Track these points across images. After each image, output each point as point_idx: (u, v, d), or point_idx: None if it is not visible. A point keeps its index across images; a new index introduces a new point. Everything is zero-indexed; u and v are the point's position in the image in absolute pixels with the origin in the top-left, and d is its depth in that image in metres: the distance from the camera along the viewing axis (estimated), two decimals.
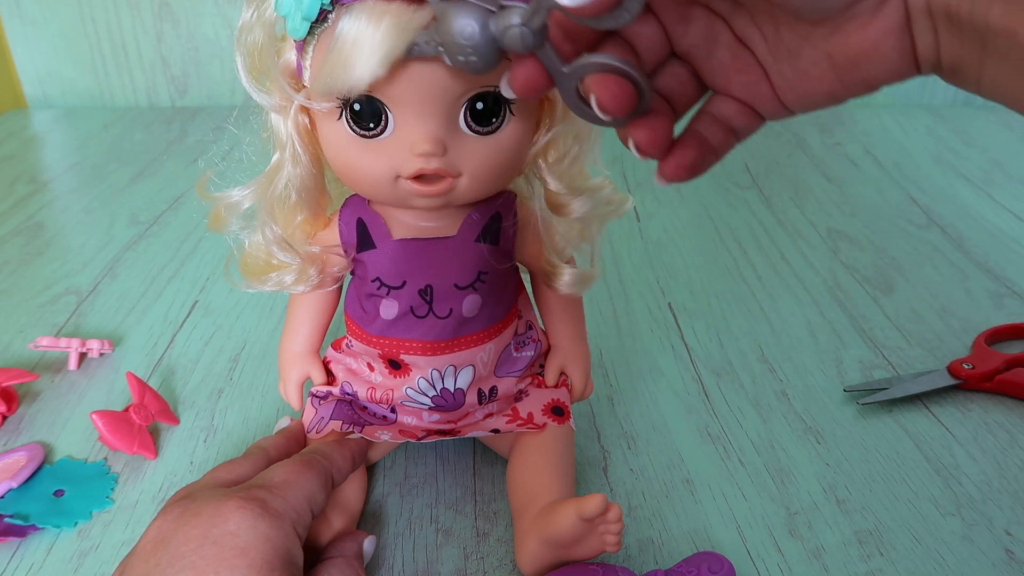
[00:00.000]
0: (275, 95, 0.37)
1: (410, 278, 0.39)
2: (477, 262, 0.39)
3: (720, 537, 0.43)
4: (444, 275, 0.39)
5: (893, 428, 0.52)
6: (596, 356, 0.59)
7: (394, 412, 0.44)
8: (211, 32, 1.14)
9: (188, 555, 0.31)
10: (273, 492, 0.35)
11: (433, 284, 0.39)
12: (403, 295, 0.40)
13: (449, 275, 0.39)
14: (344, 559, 0.38)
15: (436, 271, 0.39)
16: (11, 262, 0.73)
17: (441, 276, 0.39)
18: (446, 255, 0.39)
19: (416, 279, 0.39)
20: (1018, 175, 0.93)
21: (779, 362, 0.58)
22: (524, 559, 0.39)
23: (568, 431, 0.45)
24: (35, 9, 1.12)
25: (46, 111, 1.17)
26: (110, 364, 0.58)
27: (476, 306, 0.40)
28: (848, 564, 0.42)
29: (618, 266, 0.72)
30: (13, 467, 0.47)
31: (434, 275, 0.39)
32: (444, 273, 0.39)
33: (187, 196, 0.87)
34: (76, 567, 0.42)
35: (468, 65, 0.29)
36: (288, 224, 0.40)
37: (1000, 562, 0.42)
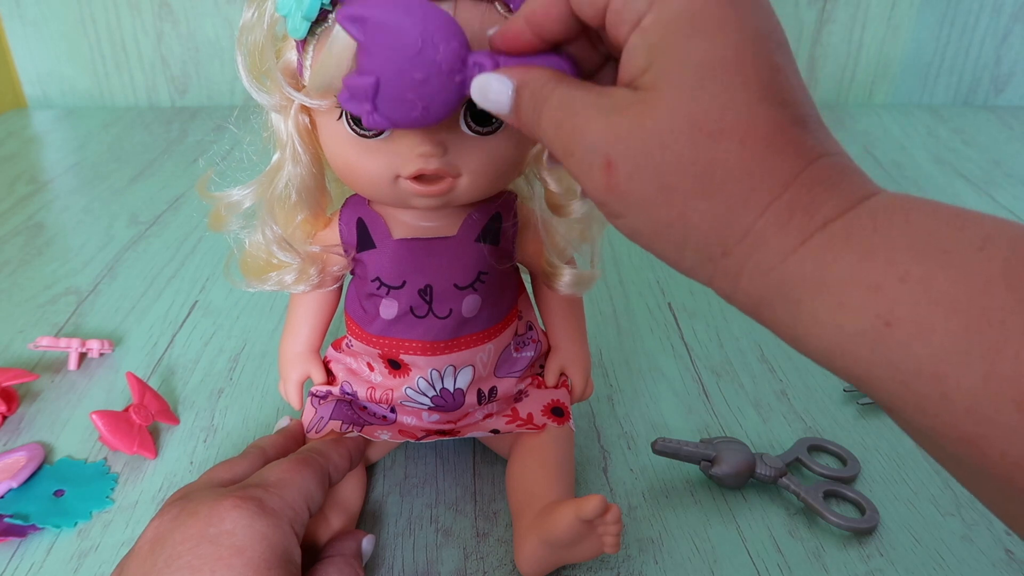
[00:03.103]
0: (275, 95, 0.37)
1: (410, 278, 0.39)
2: (477, 262, 0.39)
3: (720, 537, 0.43)
4: (444, 275, 0.39)
5: (893, 428, 0.52)
6: (596, 356, 0.59)
7: (394, 412, 0.44)
8: (211, 32, 1.14)
9: (185, 555, 0.31)
10: (270, 491, 0.35)
11: (433, 284, 0.39)
12: (403, 295, 0.40)
13: (449, 275, 0.39)
14: (343, 558, 0.38)
15: (436, 271, 0.39)
16: (11, 262, 0.73)
17: (441, 276, 0.39)
18: (446, 255, 0.39)
19: (416, 279, 0.39)
20: (1018, 175, 0.93)
21: (779, 362, 0.58)
22: (523, 560, 0.39)
23: (568, 432, 0.45)
24: (35, 9, 1.12)
25: (46, 111, 1.17)
26: (110, 364, 0.58)
27: (476, 306, 0.40)
28: (848, 564, 0.42)
29: (618, 266, 0.72)
30: (13, 467, 0.47)
31: (434, 275, 0.39)
32: (444, 273, 0.39)
33: (187, 196, 0.87)
34: (76, 567, 0.42)
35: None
36: (288, 224, 0.40)
37: (1000, 562, 0.42)
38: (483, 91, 0.29)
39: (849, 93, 1.18)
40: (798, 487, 0.45)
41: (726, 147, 0.23)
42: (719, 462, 0.45)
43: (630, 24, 0.25)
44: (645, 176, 0.24)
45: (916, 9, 1.12)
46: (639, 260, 0.73)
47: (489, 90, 0.28)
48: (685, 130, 0.23)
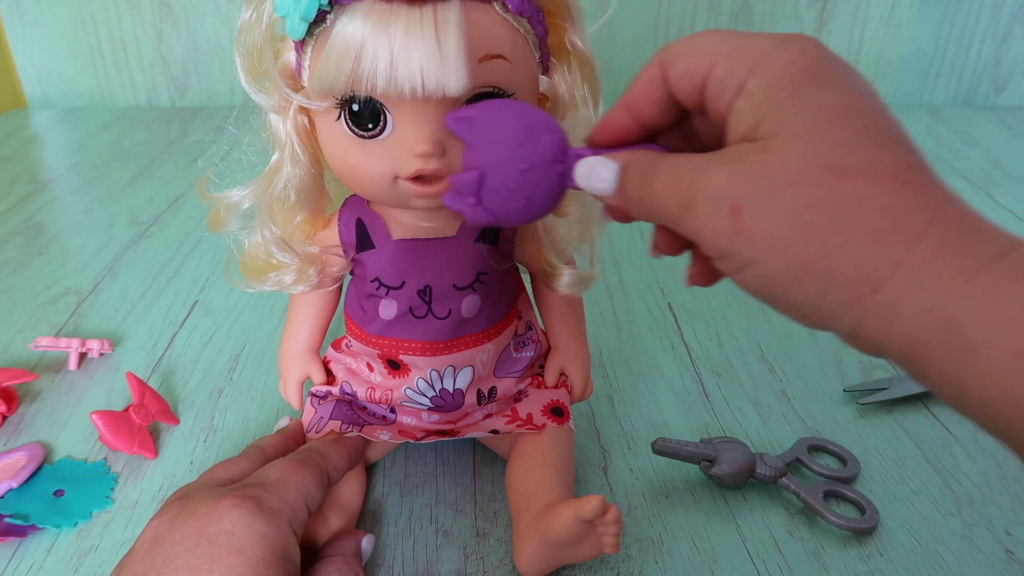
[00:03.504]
0: (274, 95, 0.37)
1: (409, 278, 0.39)
2: (476, 263, 0.39)
3: (720, 537, 0.43)
4: (443, 275, 0.39)
5: (893, 428, 0.52)
6: (596, 356, 0.59)
7: (393, 412, 0.44)
8: (211, 32, 1.14)
9: (184, 554, 0.31)
10: (268, 490, 0.35)
11: (432, 284, 0.39)
12: (402, 295, 0.40)
13: (448, 275, 0.39)
14: (342, 557, 0.38)
15: (435, 271, 0.39)
16: (11, 262, 0.73)
17: (440, 276, 0.39)
18: (445, 255, 0.39)
19: (415, 279, 0.39)
20: (1018, 175, 0.93)
21: (779, 362, 0.58)
22: (522, 560, 0.39)
23: (567, 432, 0.45)
24: (35, 9, 1.12)
25: (46, 111, 1.17)
26: (110, 364, 0.58)
27: (475, 306, 0.40)
28: (848, 564, 0.42)
29: (618, 266, 0.72)
30: (13, 467, 0.47)
31: (433, 275, 0.39)
32: (443, 273, 0.39)
33: (187, 196, 0.87)
34: (76, 567, 0.42)
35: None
36: (287, 224, 0.40)
37: (1000, 562, 0.42)
38: (588, 173, 0.29)
39: None
40: (798, 487, 0.45)
41: (859, 184, 0.22)
42: (719, 462, 0.45)
43: (733, 91, 0.25)
44: (775, 215, 0.23)
45: (916, 9, 1.12)
46: (639, 260, 0.73)
47: (593, 172, 0.29)
48: (814, 169, 0.23)
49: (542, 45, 0.36)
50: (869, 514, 0.44)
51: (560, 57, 0.38)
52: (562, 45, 0.37)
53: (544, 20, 0.36)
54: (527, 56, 0.35)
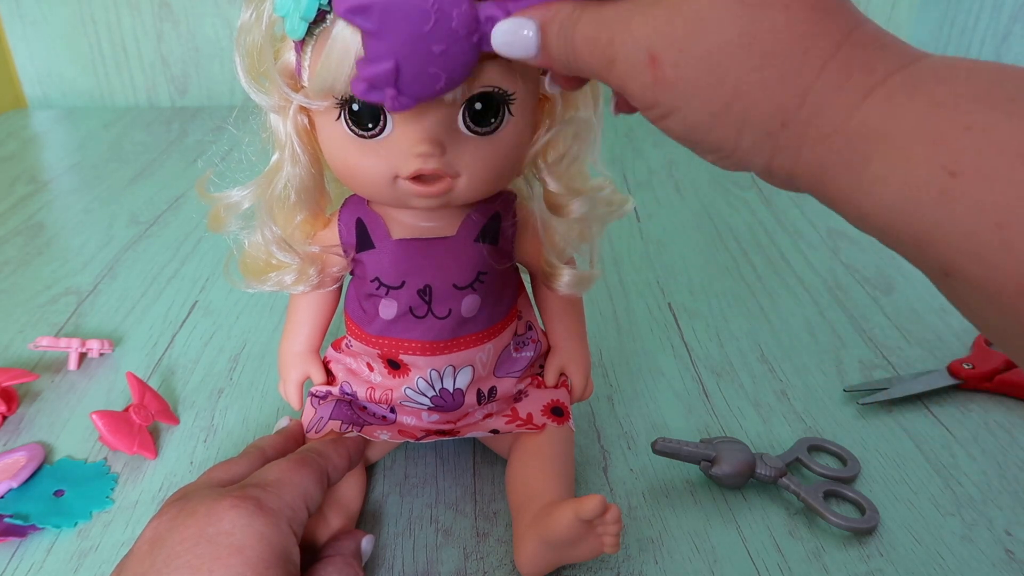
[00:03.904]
0: (274, 95, 0.37)
1: (409, 278, 0.39)
2: (476, 262, 0.39)
3: (720, 537, 0.43)
4: (443, 275, 0.39)
5: (893, 428, 0.52)
6: (596, 356, 0.59)
7: (393, 412, 0.44)
8: (211, 32, 1.14)
9: (183, 554, 0.31)
10: (268, 490, 0.35)
11: (432, 284, 0.39)
12: (402, 295, 0.40)
13: (448, 275, 0.39)
14: (342, 557, 0.38)
15: (435, 271, 0.39)
16: (11, 262, 0.73)
17: (440, 276, 0.39)
18: (445, 255, 0.39)
19: (415, 279, 0.39)
20: None
21: (779, 362, 0.58)
22: (522, 560, 0.39)
23: (567, 432, 0.45)
24: (35, 9, 1.12)
25: (46, 111, 1.17)
26: (110, 364, 0.58)
27: (475, 306, 0.40)
28: (848, 564, 0.42)
29: (618, 266, 0.72)
30: (13, 467, 0.47)
31: (433, 275, 0.39)
32: (443, 273, 0.39)
33: (187, 196, 0.87)
34: (76, 567, 0.42)
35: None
36: (287, 224, 0.40)
37: (1000, 562, 0.42)
38: (505, 40, 0.28)
39: None
40: (798, 487, 0.45)
41: (772, 14, 0.23)
42: (719, 462, 0.45)
43: None
44: (692, 60, 0.24)
45: (916, 9, 1.12)
46: (639, 260, 0.73)
47: (511, 37, 0.28)
48: (727, 4, 0.23)
49: None
50: (869, 514, 0.44)
51: None
52: None
53: None
54: None
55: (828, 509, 0.44)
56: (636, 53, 0.25)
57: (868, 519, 0.44)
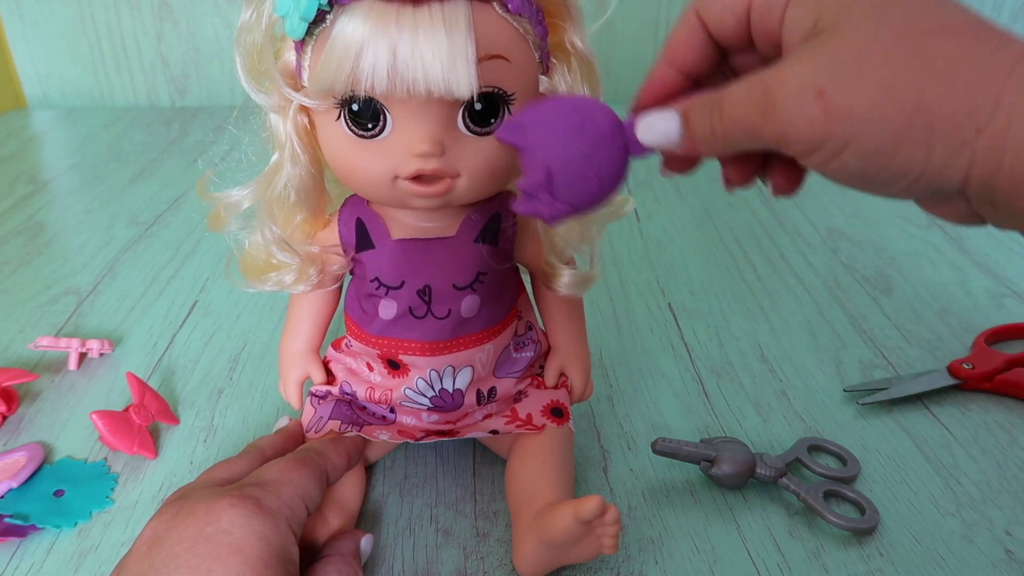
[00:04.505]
0: (274, 95, 0.37)
1: (409, 278, 0.39)
2: (476, 263, 0.39)
3: (720, 537, 0.43)
4: (443, 275, 0.39)
5: (893, 428, 0.52)
6: (596, 356, 0.59)
7: (393, 412, 0.44)
8: (211, 32, 1.14)
9: (182, 554, 0.31)
10: (267, 490, 0.35)
11: (432, 284, 0.39)
12: (402, 295, 0.39)
13: (448, 275, 0.39)
14: (341, 557, 0.38)
15: (435, 271, 0.39)
16: (11, 262, 0.73)
17: (440, 276, 0.39)
18: (445, 255, 0.39)
19: (415, 279, 0.39)
20: None
21: (779, 362, 0.58)
22: (522, 560, 0.39)
23: (567, 432, 0.45)
24: (35, 9, 1.12)
25: (46, 111, 1.17)
26: (110, 364, 0.58)
27: (475, 307, 0.40)
28: (848, 564, 0.42)
29: (618, 266, 0.72)
30: (13, 467, 0.47)
31: (433, 275, 0.39)
32: (443, 273, 0.39)
33: (187, 196, 0.87)
34: (76, 567, 0.42)
35: None
36: (287, 224, 0.40)
37: (1000, 562, 0.42)
38: (650, 128, 0.29)
39: None
40: (798, 487, 0.45)
41: (939, 40, 0.23)
42: (719, 462, 0.45)
43: (781, 6, 0.26)
44: (864, 84, 0.23)
45: None
46: (639, 260, 0.73)
47: (656, 125, 0.29)
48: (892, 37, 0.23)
49: (542, 45, 0.36)
50: (869, 514, 0.44)
51: (560, 57, 0.38)
52: (562, 45, 0.37)
53: (544, 20, 0.36)
54: (527, 56, 0.35)
55: (828, 509, 0.44)
56: (800, 91, 0.24)
57: (868, 519, 0.44)
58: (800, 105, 0.24)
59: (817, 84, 0.24)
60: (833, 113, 0.23)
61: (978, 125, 0.22)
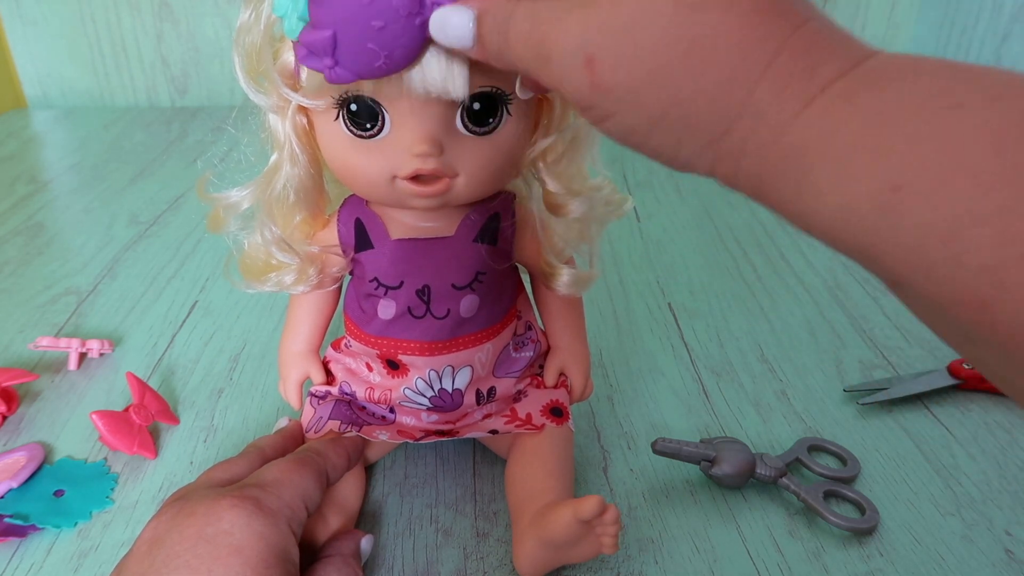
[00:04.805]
0: (273, 95, 0.36)
1: (408, 278, 0.39)
2: (475, 262, 0.39)
3: (720, 537, 0.43)
4: (442, 275, 0.39)
5: (893, 428, 0.52)
6: (596, 356, 0.59)
7: (392, 412, 0.44)
8: (211, 32, 1.14)
9: (182, 554, 0.31)
10: (267, 490, 0.35)
11: (431, 284, 0.39)
12: (401, 295, 0.39)
13: (447, 275, 0.39)
14: (341, 557, 0.38)
15: (434, 271, 0.39)
16: (11, 262, 0.73)
17: (439, 276, 0.39)
18: (444, 255, 0.39)
19: (414, 279, 0.39)
20: None
21: (779, 362, 0.58)
22: (521, 560, 0.39)
23: (567, 432, 0.45)
24: (35, 9, 1.12)
25: (46, 111, 1.17)
26: (110, 364, 0.58)
27: (474, 306, 0.40)
28: (848, 564, 0.42)
29: (618, 266, 0.72)
30: (13, 467, 0.47)
31: (432, 275, 0.39)
32: (442, 273, 0.39)
33: (187, 196, 0.87)
34: (76, 567, 0.42)
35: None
36: (287, 224, 0.40)
37: (1000, 562, 0.42)
38: (442, 27, 0.28)
39: None
40: (798, 487, 0.45)
41: (711, 17, 0.22)
42: (719, 462, 0.45)
43: None
44: (630, 64, 0.23)
45: (916, 9, 1.12)
46: (639, 260, 0.73)
47: (448, 25, 0.28)
48: (666, 6, 0.22)
49: None
50: (869, 514, 0.44)
51: None
52: None
53: None
54: None
55: (828, 509, 0.44)
56: (572, 54, 0.24)
57: (868, 519, 0.44)
58: (571, 69, 0.24)
59: (588, 51, 0.23)
60: (599, 87, 0.24)
61: (724, 128, 0.23)
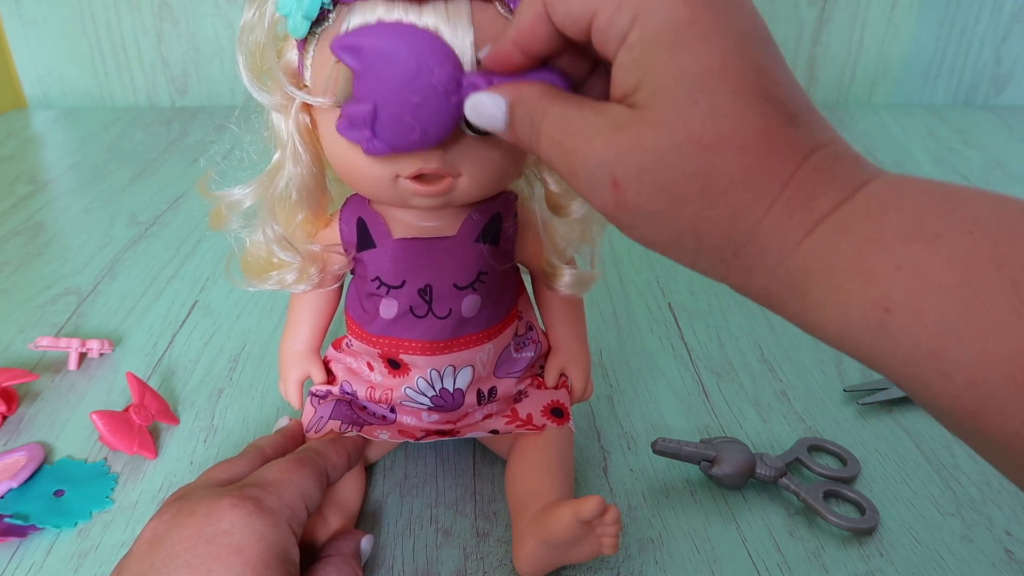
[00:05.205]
0: (276, 94, 0.37)
1: (410, 278, 0.39)
2: (477, 262, 0.39)
3: (720, 537, 0.43)
4: (444, 275, 0.39)
5: (893, 428, 0.52)
6: (596, 356, 0.59)
7: (393, 412, 0.44)
8: (211, 32, 1.14)
9: (183, 554, 0.31)
10: (267, 490, 0.35)
11: (432, 284, 0.39)
12: (403, 295, 0.40)
13: (449, 275, 0.39)
14: (341, 557, 0.38)
15: (436, 271, 0.39)
16: (11, 262, 0.73)
17: (441, 276, 0.39)
18: (446, 255, 0.39)
19: (416, 279, 0.39)
20: (1018, 175, 0.93)
21: (779, 362, 0.58)
22: (521, 560, 0.39)
23: (567, 432, 0.45)
24: (35, 9, 1.12)
25: (46, 111, 1.17)
26: (110, 364, 0.58)
27: (475, 306, 0.40)
28: (848, 564, 0.42)
29: (618, 266, 0.72)
30: (13, 467, 0.47)
31: (434, 275, 0.39)
32: (444, 273, 0.39)
33: (187, 196, 0.87)
34: (76, 567, 0.42)
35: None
36: (289, 223, 0.40)
37: (1000, 562, 0.42)
38: (477, 110, 0.29)
39: (849, 93, 1.18)
40: (798, 487, 0.45)
41: (724, 156, 0.24)
42: (719, 462, 0.45)
43: (616, 41, 0.26)
44: (652, 192, 0.25)
45: (916, 9, 1.12)
46: (639, 260, 0.73)
47: (483, 109, 0.29)
48: (684, 145, 0.24)
49: None
50: (869, 514, 0.44)
51: None
52: None
53: None
54: None
55: (828, 509, 0.44)
56: (599, 173, 0.26)
57: (868, 519, 0.44)
58: (598, 187, 0.26)
59: (615, 173, 0.25)
60: (623, 206, 0.26)
61: (735, 250, 0.25)
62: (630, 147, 0.25)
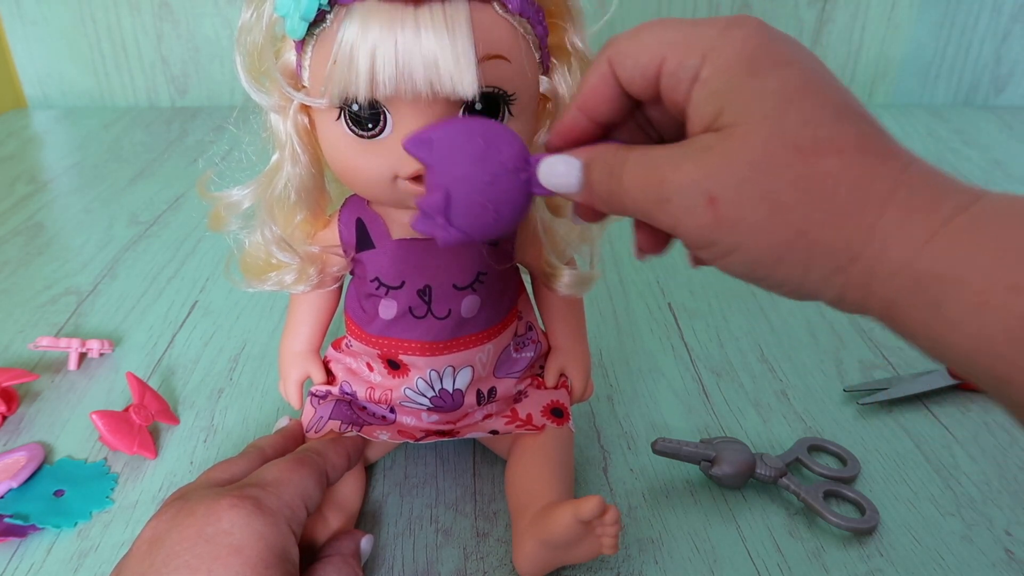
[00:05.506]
0: (274, 95, 0.37)
1: (409, 278, 0.39)
2: (476, 263, 0.39)
3: (720, 537, 0.43)
4: (443, 275, 0.39)
5: (893, 428, 0.52)
6: (596, 356, 0.59)
7: (393, 412, 0.44)
8: (211, 32, 1.14)
9: (182, 554, 0.31)
10: (267, 490, 0.35)
11: (432, 284, 0.39)
12: (402, 295, 0.40)
13: (448, 275, 0.39)
14: (341, 557, 0.38)
15: (435, 271, 0.39)
16: (11, 262, 0.73)
17: (440, 276, 0.39)
18: (445, 256, 0.39)
19: (415, 279, 0.39)
20: (1018, 175, 0.93)
21: (779, 362, 0.58)
22: (521, 560, 0.39)
23: (567, 432, 0.45)
24: (35, 9, 1.12)
25: (46, 111, 1.17)
26: (110, 364, 0.58)
27: (475, 307, 0.40)
28: (848, 564, 0.42)
29: (618, 266, 0.72)
30: (13, 467, 0.47)
31: (433, 275, 0.39)
32: (443, 273, 0.39)
33: (187, 196, 0.87)
34: (76, 567, 0.42)
35: None
36: (287, 224, 0.40)
37: (1000, 562, 0.42)
38: (550, 174, 0.29)
39: None
40: (798, 487, 0.45)
41: (826, 160, 0.23)
42: (719, 462, 0.45)
43: (688, 81, 0.26)
44: (753, 202, 0.24)
45: (916, 9, 1.12)
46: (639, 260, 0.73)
47: (555, 172, 0.29)
48: (781, 152, 0.24)
49: (542, 45, 0.36)
50: (869, 514, 0.44)
51: (561, 58, 0.38)
52: (563, 46, 0.37)
53: (544, 20, 0.36)
54: (527, 56, 0.35)
55: (828, 509, 0.44)
56: (693, 193, 0.25)
57: (868, 519, 0.44)
58: (692, 208, 0.25)
59: (710, 190, 0.24)
60: (723, 222, 0.24)
61: (852, 254, 0.24)
62: (724, 162, 0.24)
